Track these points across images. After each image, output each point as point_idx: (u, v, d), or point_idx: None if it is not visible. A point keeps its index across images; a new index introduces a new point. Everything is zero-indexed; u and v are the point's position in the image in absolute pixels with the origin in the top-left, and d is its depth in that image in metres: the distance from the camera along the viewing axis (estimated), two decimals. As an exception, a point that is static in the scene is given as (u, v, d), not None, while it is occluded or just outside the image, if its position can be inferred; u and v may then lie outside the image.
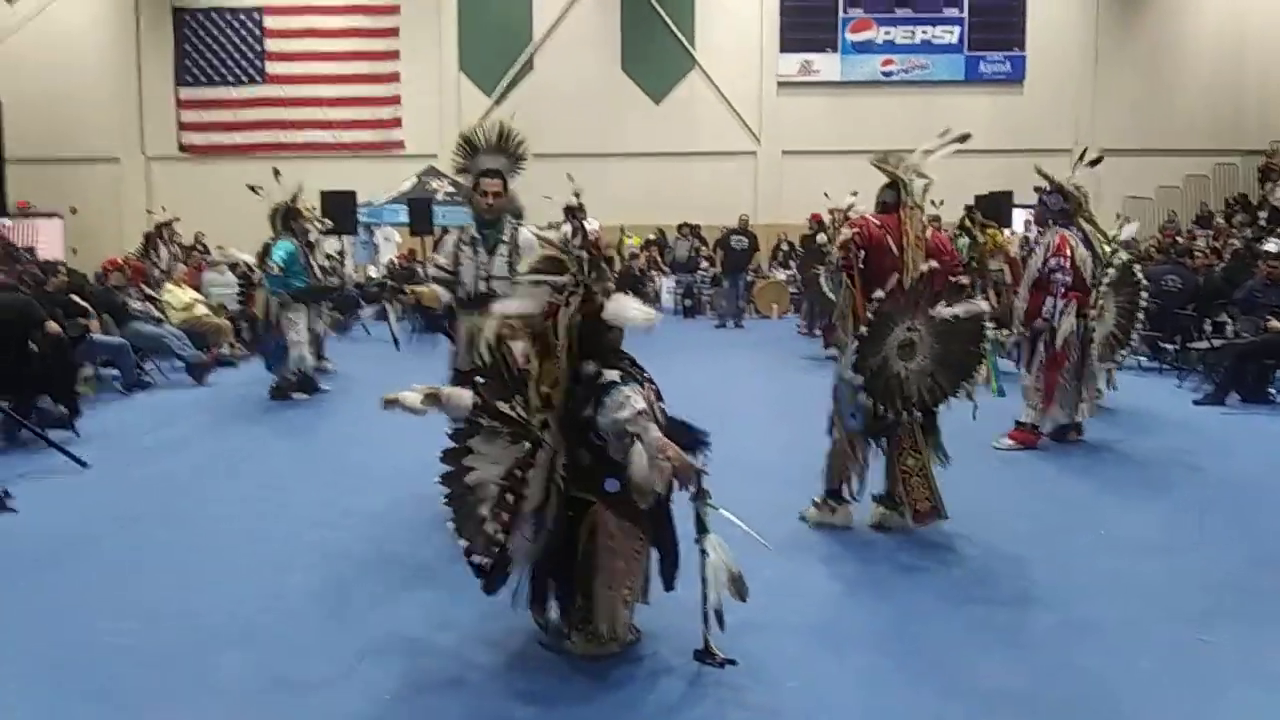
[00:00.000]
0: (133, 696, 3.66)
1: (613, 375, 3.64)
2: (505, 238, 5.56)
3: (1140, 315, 7.89)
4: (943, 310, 5.22)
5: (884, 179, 5.53)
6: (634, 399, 3.57)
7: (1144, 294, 7.95)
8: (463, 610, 4.21)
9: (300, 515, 5.75)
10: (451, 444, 3.68)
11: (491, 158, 5.50)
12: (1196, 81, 22.44)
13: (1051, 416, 7.55)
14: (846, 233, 5.47)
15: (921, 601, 4.54)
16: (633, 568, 3.75)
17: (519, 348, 3.73)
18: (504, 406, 3.65)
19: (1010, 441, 7.49)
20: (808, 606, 4.47)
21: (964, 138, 5.49)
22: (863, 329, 5.18)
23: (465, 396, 3.68)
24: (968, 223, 11.40)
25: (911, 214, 5.40)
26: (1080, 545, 5.31)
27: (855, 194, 13.04)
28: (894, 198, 5.48)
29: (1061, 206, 7.50)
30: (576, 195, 13.95)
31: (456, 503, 3.66)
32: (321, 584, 4.76)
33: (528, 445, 3.62)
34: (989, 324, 5.49)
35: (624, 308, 3.76)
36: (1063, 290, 7.33)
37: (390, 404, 4.06)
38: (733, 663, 3.71)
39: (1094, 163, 7.73)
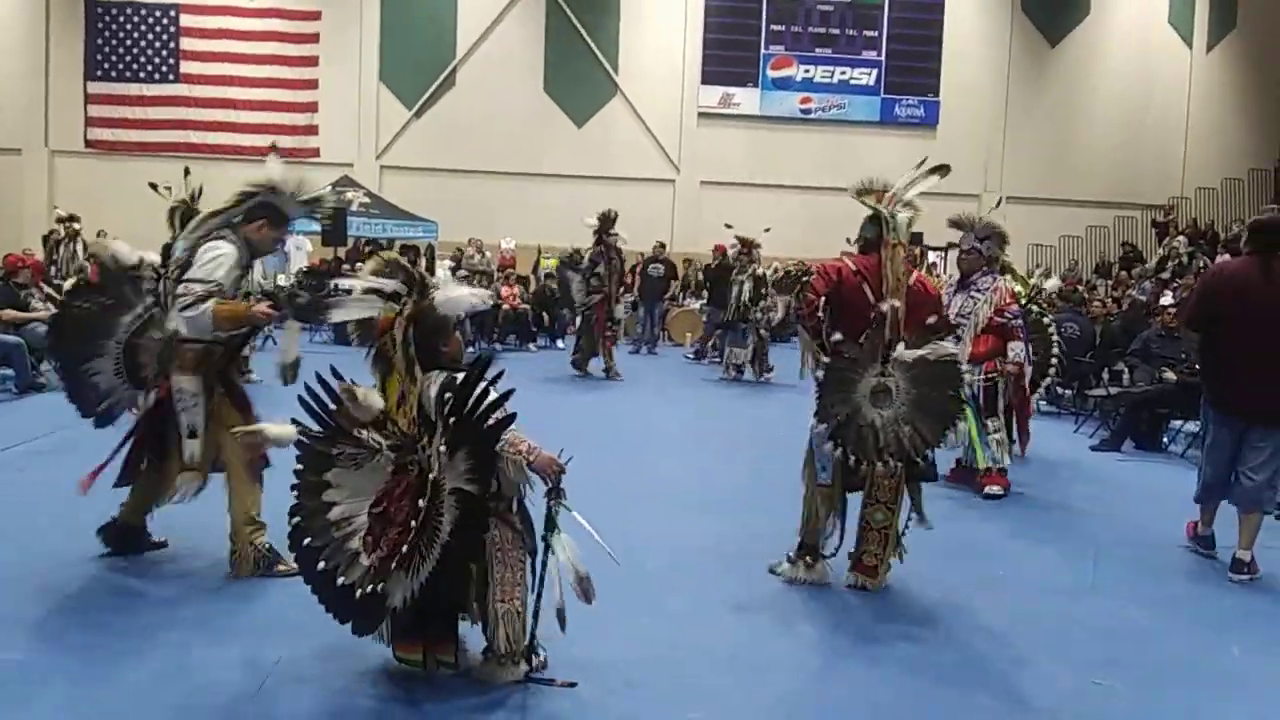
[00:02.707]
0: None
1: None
2: None
3: (1053, 367, 8.07)
4: (903, 353, 4.92)
5: (865, 214, 5.15)
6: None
7: (1055, 347, 8.16)
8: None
9: (203, 526, 5.55)
10: (303, 478, 3.66)
11: None
12: (1101, 137, 23.32)
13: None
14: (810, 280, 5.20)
15: (822, 635, 4.59)
16: (518, 578, 3.70)
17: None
18: (362, 434, 3.65)
19: (998, 488, 7.32)
20: (713, 637, 4.48)
21: (942, 170, 5.15)
22: (819, 374, 4.97)
23: (377, 398, 3.69)
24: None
25: (893, 251, 5.02)
26: (979, 585, 5.40)
27: (768, 230, 13.82)
28: (875, 233, 5.09)
29: (993, 253, 7.28)
30: (608, 218, 13.57)
31: (320, 538, 3.59)
32: (230, 600, 4.64)
33: (394, 468, 3.62)
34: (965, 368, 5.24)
35: (453, 293, 3.79)
36: (1021, 336, 7.33)
37: (250, 438, 4.02)
38: (572, 685, 3.73)
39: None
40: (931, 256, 20.16)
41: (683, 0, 22.95)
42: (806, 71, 23.30)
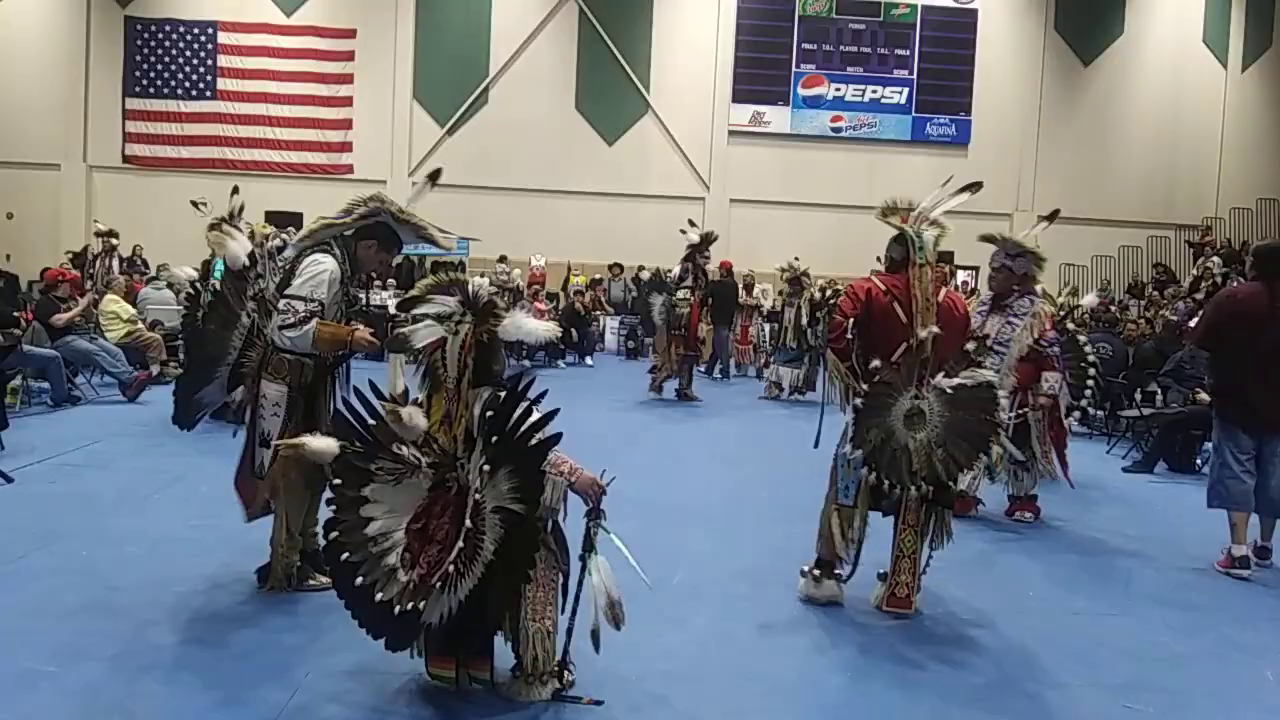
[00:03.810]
0: (51, 727, 3.54)
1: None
2: None
3: (1089, 388, 7.81)
4: (943, 381, 4.91)
5: (892, 233, 5.12)
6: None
7: (1091, 367, 7.86)
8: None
9: (230, 540, 5.61)
10: (341, 492, 3.68)
11: None
12: (1133, 157, 23.16)
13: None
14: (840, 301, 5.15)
15: (850, 656, 4.57)
16: (550, 597, 3.72)
17: None
18: (401, 450, 3.68)
19: (1029, 515, 7.26)
20: (739, 655, 4.49)
21: (974, 186, 5.10)
22: (857, 402, 4.92)
23: (420, 418, 3.71)
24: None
25: (920, 272, 4.98)
26: (1008, 608, 5.37)
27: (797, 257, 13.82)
28: (902, 254, 5.07)
29: (1026, 270, 6.92)
30: (709, 239, 13.13)
31: (358, 553, 3.61)
32: (254, 613, 4.67)
33: (432, 485, 3.65)
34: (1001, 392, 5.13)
35: (522, 322, 3.81)
36: (1057, 364, 7.10)
37: (291, 450, 4.08)
38: (599, 703, 3.73)
39: (1050, 218, 7.37)
40: (962, 275, 20.14)
41: (714, 19, 23.00)
42: (837, 90, 23.28)
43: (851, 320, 5.06)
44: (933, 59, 23.13)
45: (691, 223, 13.29)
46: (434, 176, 5.21)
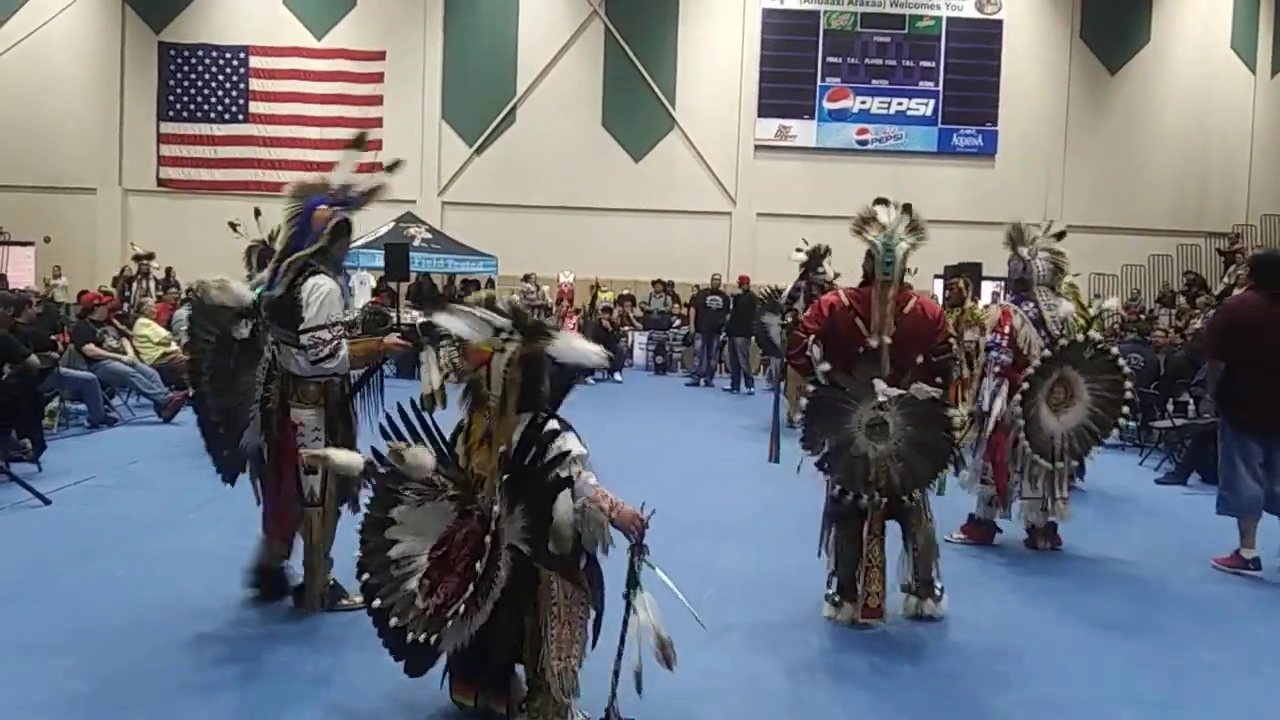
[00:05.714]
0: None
1: (553, 424, 3.52)
2: None
3: (1124, 408, 6.65)
4: (883, 388, 4.90)
5: (931, 244, 5.21)
6: (571, 441, 3.51)
7: (1127, 382, 6.63)
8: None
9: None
10: (369, 512, 3.69)
11: None
12: (1162, 165, 22.99)
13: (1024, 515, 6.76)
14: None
15: (881, 676, 4.56)
16: (577, 636, 3.56)
17: None
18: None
19: (960, 535, 6.88)
20: (772, 672, 4.49)
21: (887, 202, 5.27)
22: (803, 402, 5.05)
23: (426, 458, 3.66)
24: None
25: (882, 288, 5.05)
26: (1041, 623, 5.35)
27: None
28: (871, 267, 5.15)
29: (1020, 276, 6.79)
30: (818, 253, 12.30)
31: (378, 576, 3.62)
32: (288, 633, 4.72)
33: (458, 512, 3.60)
34: (951, 407, 5.10)
35: (572, 342, 3.64)
36: (997, 370, 6.55)
37: (315, 460, 4.11)
38: None
39: (1059, 235, 7.16)
40: (991, 286, 19.97)
41: (739, 35, 23.07)
42: (863, 103, 23.28)
43: (812, 337, 5.14)
44: (958, 70, 23.08)
45: (805, 241, 12.56)
46: (391, 168, 5.49)
